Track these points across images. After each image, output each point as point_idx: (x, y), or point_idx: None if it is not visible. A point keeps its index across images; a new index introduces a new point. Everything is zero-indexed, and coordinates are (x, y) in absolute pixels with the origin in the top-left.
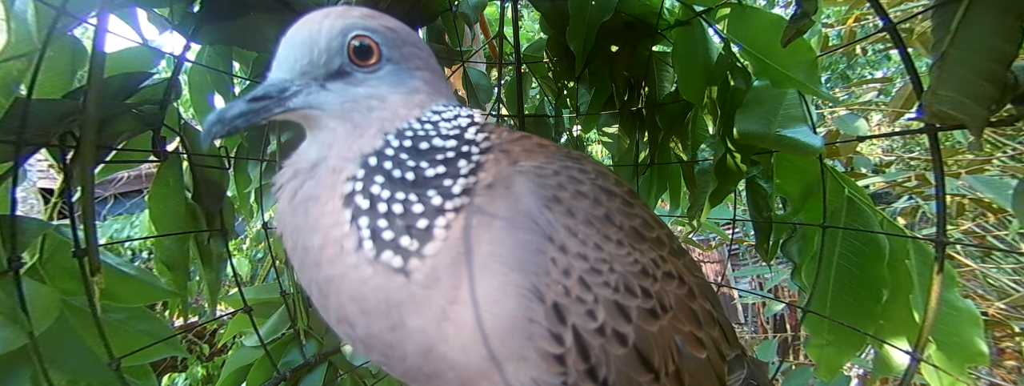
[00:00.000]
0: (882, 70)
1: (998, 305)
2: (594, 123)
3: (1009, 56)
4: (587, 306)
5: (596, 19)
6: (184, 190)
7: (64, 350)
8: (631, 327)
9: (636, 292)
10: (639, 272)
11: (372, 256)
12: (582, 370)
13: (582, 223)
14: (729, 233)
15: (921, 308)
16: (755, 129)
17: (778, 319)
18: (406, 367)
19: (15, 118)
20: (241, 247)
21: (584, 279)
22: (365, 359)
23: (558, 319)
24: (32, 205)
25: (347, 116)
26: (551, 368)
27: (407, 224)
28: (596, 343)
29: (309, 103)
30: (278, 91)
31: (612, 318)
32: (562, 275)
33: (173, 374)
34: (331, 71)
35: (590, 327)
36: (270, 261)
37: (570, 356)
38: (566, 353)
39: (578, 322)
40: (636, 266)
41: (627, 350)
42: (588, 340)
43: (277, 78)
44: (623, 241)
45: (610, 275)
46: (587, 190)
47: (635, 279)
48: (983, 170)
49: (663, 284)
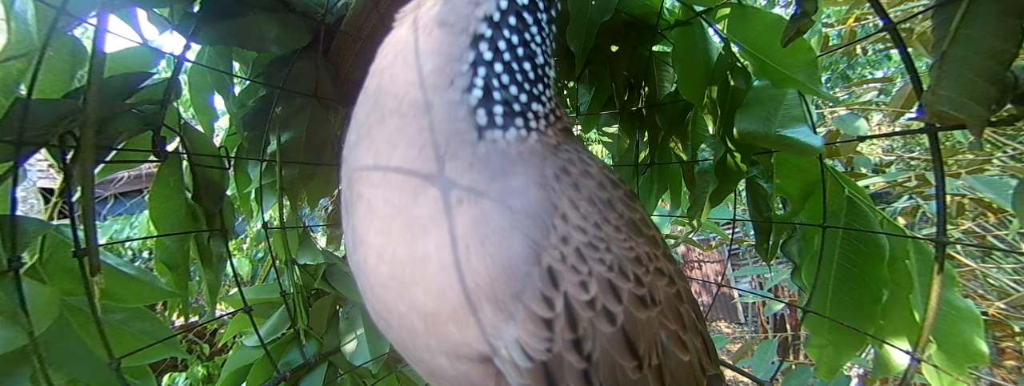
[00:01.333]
0: (882, 70)
1: (998, 305)
2: (594, 123)
3: (1009, 56)
4: (581, 277)
5: (596, 19)
6: (184, 190)
7: (64, 350)
8: (621, 308)
9: (629, 276)
10: (634, 259)
11: (473, 105)
12: (568, 339)
13: (585, 200)
14: (729, 233)
15: (921, 308)
16: (755, 129)
17: (778, 319)
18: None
19: (15, 118)
20: (241, 247)
21: (581, 251)
22: (366, 359)
23: (551, 283)
24: (32, 205)
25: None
26: (538, 331)
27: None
28: (586, 315)
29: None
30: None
31: (604, 295)
32: (560, 241)
33: (173, 374)
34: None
35: (581, 298)
36: (270, 261)
37: (558, 323)
38: (555, 319)
39: (570, 290)
40: (631, 252)
41: (615, 330)
42: (578, 311)
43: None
44: (621, 228)
45: (606, 254)
46: (595, 173)
47: (629, 264)
48: (983, 170)
49: (655, 278)
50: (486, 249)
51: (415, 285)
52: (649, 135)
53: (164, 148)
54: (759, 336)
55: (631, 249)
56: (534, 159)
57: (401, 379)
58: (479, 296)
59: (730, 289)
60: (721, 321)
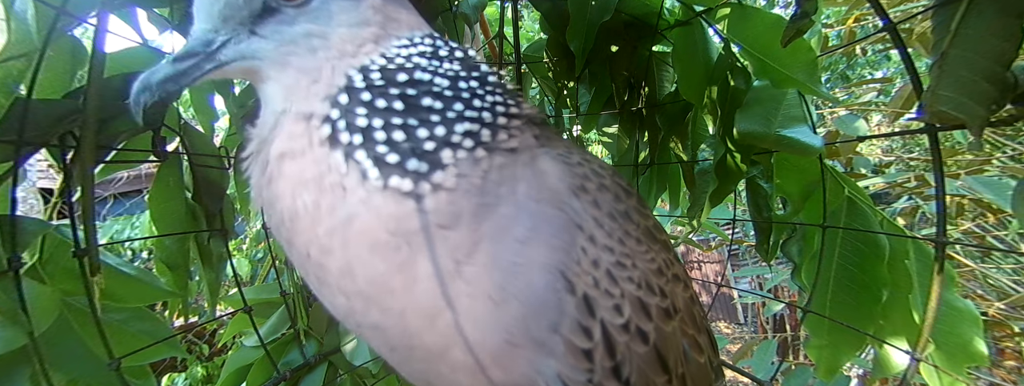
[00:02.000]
0: (882, 70)
1: (998, 305)
2: (594, 123)
3: (1009, 56)
4: (615, 300)
5: (596, 19)
6: (184, 190)
7: (64, 350)
8: (652, 325)
9: (655, 290)
10: (656, 271)
11: (380, 185)
12: (608, 367)
13: (606, 216)
14: (729, 233)
15: (921, 308)
16: (755, 129)
17: (778, 319)
18: (404, 327)
19: (15, 118)
20: (241, 247)
21: (611, 272)
22: (366, 359)
23: (588, 312)
24: (32, 205)
25: (287, 61)
26: (579, 363)
27: (412, 146)
28: (622, 340)
29: (242, 53)
30: (203, 45)
31: (636, 315)
32: (592, 266)
33: (173, 374)
34: (255, 11)
35: (617, 323)
36: (270, 261)
37: (598, 352)
38: (594, 348)
39: (606, 316)
40: (653, 264)
41: (648, 349)
42: (615, 336)
43: (199, 31)
44: (641, 239)
45: (633, 271)
46: (609, 185)
47: (653, 277)
48: (983, 170)
49: (673, 285)
50: (509, 292)
51: (450, 350)
52: (649, 135)
53: (164, 148)
54: (759, 336)
55: (652, 260)
56: (518, 171)
57: (401, 379)
58: (516, 339)
59: (730, 289)
60: (721, 321)
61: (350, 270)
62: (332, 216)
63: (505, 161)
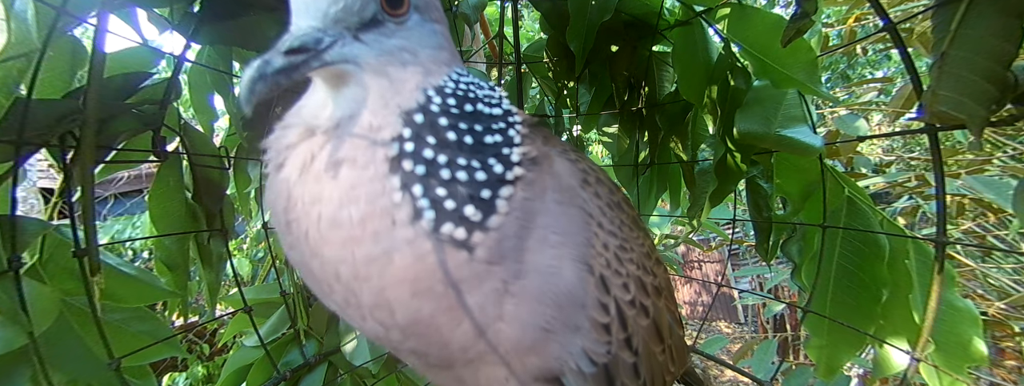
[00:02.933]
0: (882, 70)
1: (998, 305)
2: (594, 123)
3: (1009, 56)
4: (623, 279)
5: (596, 19)
6: (184, 190)
7: (64, 350)
8: (650, 301)
9: (648, 270)
10: (646, 254)
11: (430, 229)
12: (622, 339)
13: (606, 205)
14: (729, 233)
15: (921, 308)
16: (755, 129)
17: (778, 319)
18: (447, 353)
19: (15, 118)
20: (241, 247)
21: (618, 254)
22: (366, 359)
23: (605, 289)
24: (32, 205)
25: (384, 70)
26: (600, 337)
27: (470, 193)
28: (631, 314)
29: (345, 56)
30: (314, 42)
31: (638, 292)
32: (603, 248)
33: (173, 374)
34: (365, 19)
35: (626, 298)
36: (270, 261)
37: (614, 325)
38: (611, 322)
39: (618, 293)
40: (644, 248)
41: (649, 321)
42: (625, 311)
43: (307, 27)
44: (632, 227)
45: (631, 253)
46: (603, 179)
47: (645, 260)
48: (983, 170)
49: (657, 267)
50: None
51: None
52: (649, 135)
53: (164, 148)
54: (759, 336)
55: (643, 245)
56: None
57: (401, 379)
58: (553, 326)
59: (730, 289)
60: (721, 321)
61: (388, 306)
62: (375, 244)
63: (533, 176)
